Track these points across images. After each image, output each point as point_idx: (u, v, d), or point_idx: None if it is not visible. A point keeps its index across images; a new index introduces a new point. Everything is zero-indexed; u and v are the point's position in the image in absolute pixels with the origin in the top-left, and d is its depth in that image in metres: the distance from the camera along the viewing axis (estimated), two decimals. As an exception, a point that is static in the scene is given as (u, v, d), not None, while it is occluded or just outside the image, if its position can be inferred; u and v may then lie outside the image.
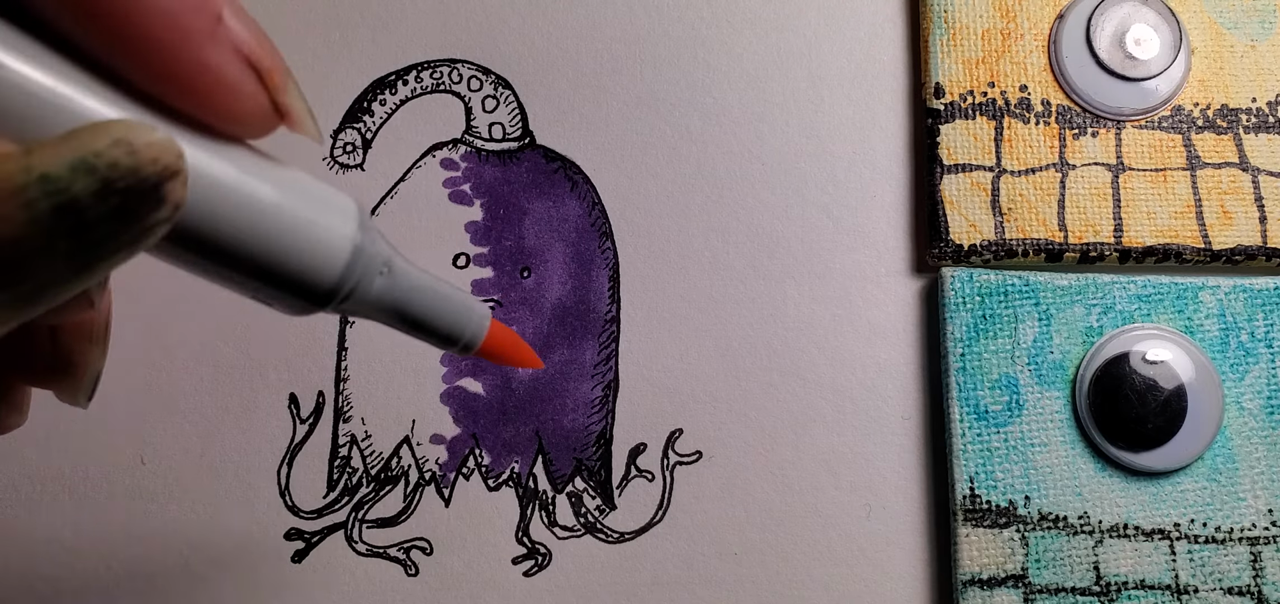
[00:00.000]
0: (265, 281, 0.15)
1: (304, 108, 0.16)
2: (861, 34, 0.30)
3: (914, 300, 0.28)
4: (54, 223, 0.12)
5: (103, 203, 0.13)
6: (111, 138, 0.13)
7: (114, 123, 0.13)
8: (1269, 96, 0.29)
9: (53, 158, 0.12)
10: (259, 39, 0.15)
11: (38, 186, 0.12)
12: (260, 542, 0.27)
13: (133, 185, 0.13)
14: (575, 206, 0.29)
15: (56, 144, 0.12)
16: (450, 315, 0.18)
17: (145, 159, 0.13)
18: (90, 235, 0.13)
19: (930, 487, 0.27)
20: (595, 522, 0.27)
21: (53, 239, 0.12)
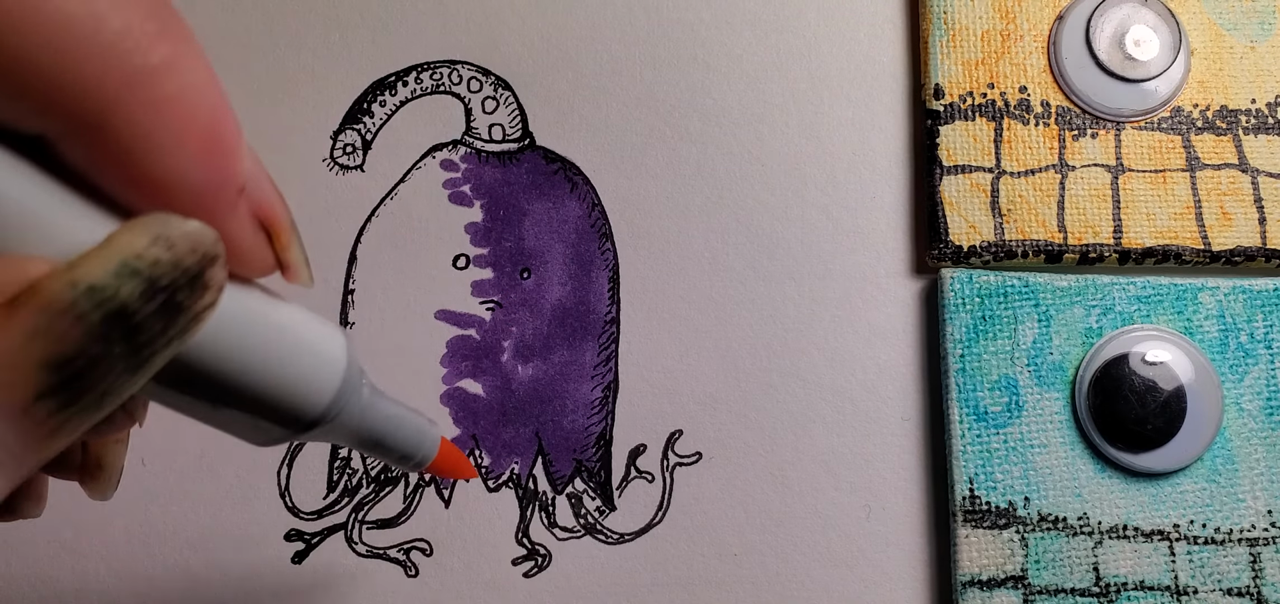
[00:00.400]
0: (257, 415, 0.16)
1: (302, 260, 0.17)
2: (861, 35, 0.30)
3: (914, 301, 0.28)
4: (107, 331, 0.13)
5: (150, 301, 0.13)
6: (149, 235, 0.13)
7: (149, 219, 0.13)
8: (1268, 98, 0.29)
9: (96, 267, 0.13)
10: (271, 199, 0.16)
11: (87, 299, 0.12)
12: (260, 543, 0.27)
13: (176, 278, 0.13)
14: (575, 207, 0.29)
15: (97, 253, 0.13)
16: (409, 443, 0.20)
17: (184, 250, 0.13)
18: (143, 335, 0.13)
19: (930, 487, 0.27)
20: (595, 523, 0.27)
21: (108, 347, 0.13)
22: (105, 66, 0.13)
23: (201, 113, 0.14)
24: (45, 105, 0.13)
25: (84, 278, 0.12)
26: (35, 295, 0.12)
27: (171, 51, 0.13)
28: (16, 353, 0.12)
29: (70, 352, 0.12)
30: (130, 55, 0.13)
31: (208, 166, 0.14)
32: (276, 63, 0.30)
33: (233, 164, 0.15)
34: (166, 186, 0.14)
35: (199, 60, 0.14)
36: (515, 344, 0.28)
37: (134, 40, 0.13)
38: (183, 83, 0.14)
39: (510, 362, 0.28)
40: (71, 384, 0.13)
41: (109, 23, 0.13)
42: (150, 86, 0.13)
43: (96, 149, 0.13)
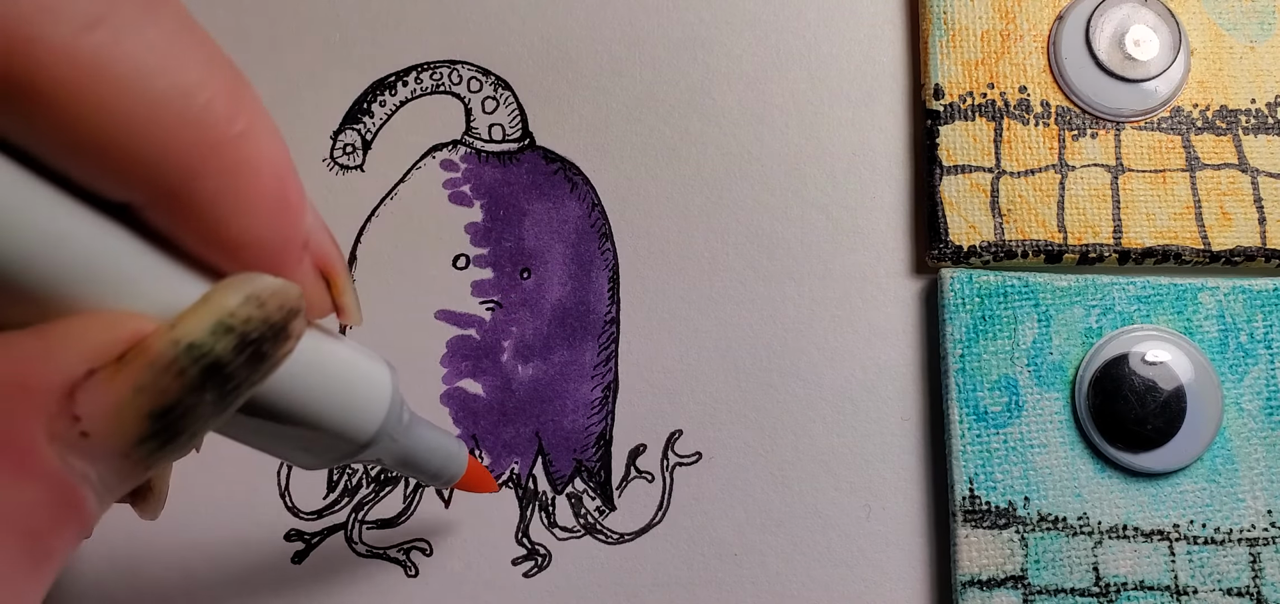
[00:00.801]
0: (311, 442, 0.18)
1: (355, 303, 0.18)
2: (861, 35, 0.30)
3: (913, 301, 0.28)
4: (202, 382, 0.14)
5: (241, 354, 0.14)
6: (242, 294, 0.14)
7: (241, 279, 0.15)
8: (1268, 98, 0.29)
9: (196, 326, 0.14)
10: (329, 250, 0.17)
11: (186, 355, 0.14)
12: (260, 542, 0.27)
13: (264, 332, 0.15)
14: (575, 207, 0.29)
15: (195, 312, 0.14)
16: (441, 462, 0.22)
17: (273, 307, 0.15)
18: (231, 383, 0.14)
19: (930, 488, 0.27)
20: (595, 522, 0.27)
21: (202, 395, 0.14)
22: (190, 140, 0.14)
23: (273, 177, 0.15)
24: (136, 178, 0.14)
25: (185, 336, 0.14)
26: (142, 353, 0.14)
27: (248, 121, 0.14)
28: (124, 406, 0.14)
29: (170, 402, 0.14)
30: (213, 128, 0.14)
31: (278, 225, 0.15)
32: (276, 63, 0.30)
33: (299, 222, 0.16)
34: (241, 245, 0.15)
35: (269, 126, 0.15)
36: (515, 344, 0.28)
37: (216, 114, 0.14)
38: (257, 150, 0.15)
39: (510, 361, 0.28)
40: (167, 429, 0.14)
41: (195, 99, 0.14)
42: (229, 155, 0.14)
43: (179, 214, 0.14)
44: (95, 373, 0.13)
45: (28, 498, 0.13)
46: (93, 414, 0.13)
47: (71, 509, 0.14)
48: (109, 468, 0.14)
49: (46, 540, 0.14)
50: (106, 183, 0.14)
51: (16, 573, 0.13)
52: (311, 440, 0.18)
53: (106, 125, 0.13)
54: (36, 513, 0.13)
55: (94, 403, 0.13)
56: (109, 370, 0.13)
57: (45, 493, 0.13)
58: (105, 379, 0.13)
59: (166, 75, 0.13)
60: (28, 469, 0.13)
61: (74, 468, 0.13)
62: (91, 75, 0.13)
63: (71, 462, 0.13)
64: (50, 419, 0.13)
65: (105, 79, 0.13)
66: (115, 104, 0.13)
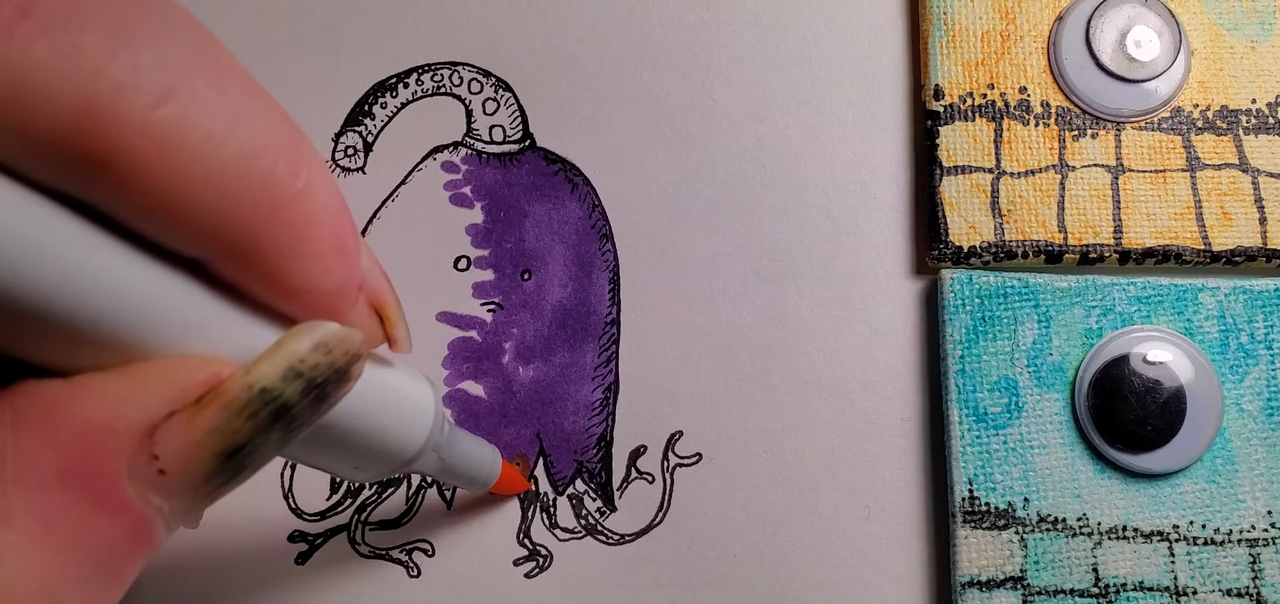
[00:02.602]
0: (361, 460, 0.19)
1: (406, 334, 0.19)
2: (861, 36, 0.30)
3: (913, 302, 0.28)
4: (270, 422, 0.15)
5: (306, 396, 0.15)
6: (312, 342, 0.15)
7: (310, 328, 0.16)
8: (1269, 98, 0.29)
9: (269, 372, 0.15)
10: (382, 287, 0.18)
11: (259, 400, 0.15)
12: (264, 544, 0.27)
13: (329, 377, 0.16)
14: (576, 209, 0.29)
15: (268, 358, 0.15)
16: (477, 468, 0.24)
17: (338, 354, 0.16)
18: (295, 421, 0.15)
19: (929, 488, 0.27)
20: (596, 523, 0.27)
21: (269, 434, 0.15)
22: (257, 200, 0.14)
23: (331, 227, 0.16)
24: (206, 237, 0.14)
25: (258, 381, 0.15)
26: (219, 397, 0.15)
27: (308, 177, 0.15)
28: (200, 446, 0.15)
29: (241, 442, 0.15)
30: (276, 187, 0.15)
31: (337, 272, 0.16)
32: (277, 64, 0.30)
33: (356, 266, 0.17)
34: (305, 293, 0.16)
35: (327, 178, 0.16)
36: (516, 346, 0.28)
37: (280, 173, 0.15)
38: (317, 204, 0.15)
39: (511, 363, 0.28)
40: (234, 466, 0.15)
41: (260, 162, 0.14)
42: (292, 212, 0.15)
43: (246, 267, 0.15)
44: (175, 415, 0.14)
45: (107, 530, 0.14)
46: (171, 453, 0.14)
47: (144, 538, 0.15)
48: (179, 501, 0.15)
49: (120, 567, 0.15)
50: (179, 241, 0.14)
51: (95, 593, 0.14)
52: (359, 459, 0.19)
53: (178, 191, 0.14)
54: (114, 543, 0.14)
55: (173, 443, 0.14)
56: (188, 412, 0.14)
57: (123, 525, 0.14)
58: (185, 422, 0.14)
59: (233, 141, 0.14)
60: (110, 504, 0.14)
61: (149, 502, 0.14)
62: (164, 146, 0.13)
63: (147, 496, 0.14)
64: (132, 457, 0.14)
65: (177, 149, 0.13)
66: (186, 171, 0.14)
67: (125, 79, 0.13)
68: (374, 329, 0.18)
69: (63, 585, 0.14)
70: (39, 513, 0.13)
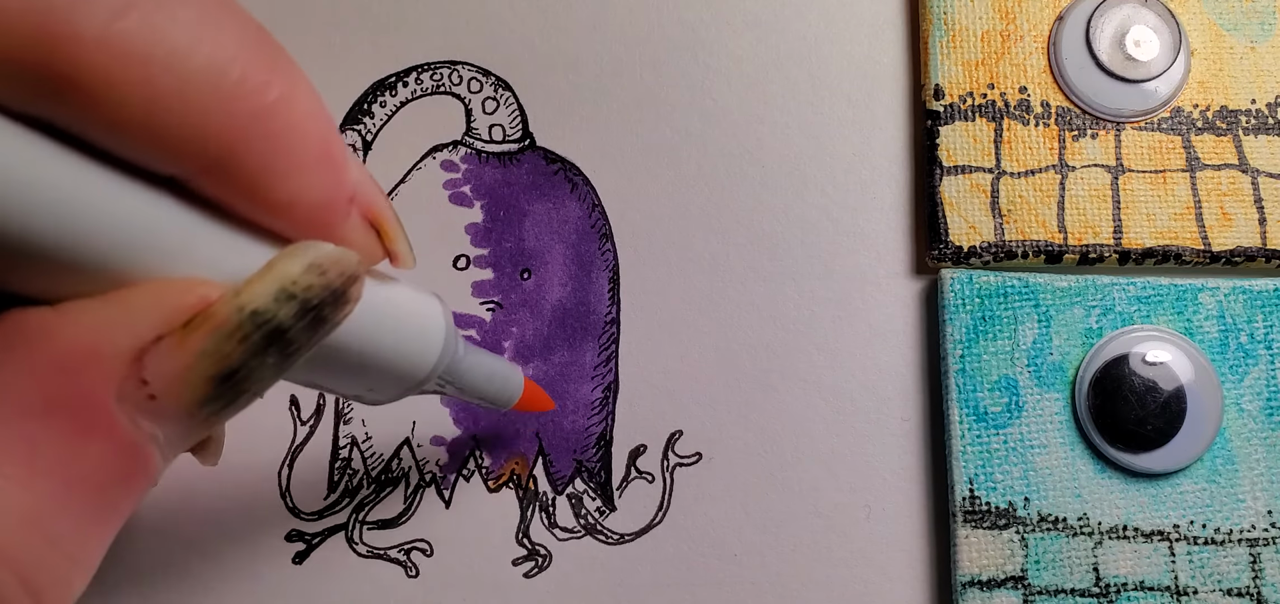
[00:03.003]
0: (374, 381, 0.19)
1: (407, 247, 0.19)
2: (861, 36, 0.30)
3: (913, 302, 0.28)
4: (265, 346, 0.15)
5: (302, 319, 0.15)
6: (303, 263, 0.15)
7: (302, 248, 0.15)
8: (1269, 98, 0.29)
9: (259, 294, 0.15)
10: (377, 200, 0.18)
11: (250, 322, 0.15)
12: (261, 543, 0.27)
13: (324, 298, 0.15)
14: (575, 208, 0.29)
15: (259, 279, 0.15)
16: (498, 386, 0.23)
17: (333, 274, 0.15)
18: (292, 344, 0.15)
19: (930, 488, 0.27)
20: (595, 523, 0.27)
21: (264, 358, 0.15)
22: (229, 112, 0.14)
23: (314, 138, 0.16)
24: (180, 153, 0.14)
25: (249, 303, 0.15)
26: (208, 320, 0.14)
27: (285, 86, 0.15)
28: (191, 370, 0.14)
29: (233, 366, 0.15)
30: (250, 98, 0.14)
31: (323, 184, 0.16)
32: (277, 63, 0.30)
33: (344, 177, 0.16)
34: (290, 206, 0.16)
35: (307, 88, 0.16)
36: (516, 345, 0.28)
37: (251, 84, 0.14)
38: (297, 113, 0.15)
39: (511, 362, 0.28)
40: (230, 391, 0.15)
41: (229, 73, 0.14)
42: (269, 122, 0.15)
43: (226, 182, 0.15)
44: (163, 339, 0.14)
45: (97, 457, 0.14)
46: (160, 378, 0.14)
47: (138, 466, 0.15)
48: (174, 427, 0.15)
49: (114, 496, 0.14)
50: (153, 159, 0.14)
51: (86, 526, 0.14)
52: (372, 380, 0.19)
53: (145, 106, 0.13)
54: (106, 470, 0.14)
55: (162, 367, 0.14)
56: (176, 336, 0.14)
57: (114, 452, 0.14)
58: (173, 345, 0.14)
59: (199, 52, 0.14)
60: (98, 430, 0.14)
61: (141, 428, 0.14)
62: (126, 60, 0.13)
63: (139, 422, 0.14)
64: (120, 383, 0.14)
65: (140, 62, 0.13)
66: (151, 85, 0.13)
67: None
68: (371, 244, 0.18)
69: (52, 513, 0.14)
70: (25, 441, 0.13)
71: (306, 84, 0.16)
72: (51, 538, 0.14)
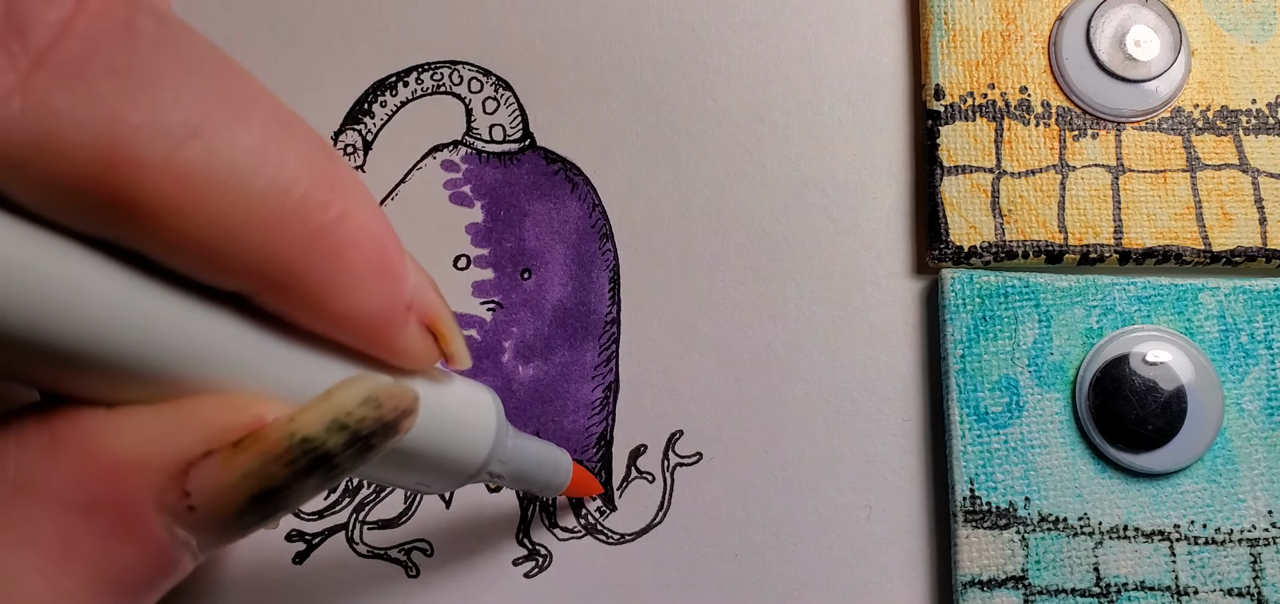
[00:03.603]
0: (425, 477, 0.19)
1: (463, 349, 0.19)
2: (861, 36, 0.30)
3: (914, 302, 0.28)
4: (309, 470, 0.15)
5: (349, 448, 0.15)
6: (360, 397, 0.15)
7: (361, 381, 0.15)
8: (1269, 98, 0.29)
9: (313, 422, 0.15)
10: (434, 305, 0.18)
11: (299, 448, 0.15)
12: (262, 543, 0.27)
13: (375, 430, 0.16)
14: (576, 208, 0.29)
15: (314, 407, 0.15)
16: (548, 474, 0.23)
17: (387, 409, 0.16)
18: (336, 469, 0.15)
19: (930, 488, 0.27)
20: (596, 523, 0.27)
21: (307, 479, 0.15)
22: (291, 232, 0.14)
23: (372, 250, 0.16)
24: (242, 272, 0.14)
25: (300, 430, 0.15)
26: (258, 442, 0.15)
27: (344, 201, 0.15)
28: (233, 488, 0.15)
29: (276, 486, 0.15)
30: (310, 217, 0.14)
31: (382, 295, 0.16)
32: (276, 63, 0.30)
33: (401, 287, 0.16)
34: (349, 318, 0.16)
35: (366, 200, 0.16)
36: (516, 345, 0.28)
37: (313, 203, 0.14)
38: (355, 227, 0.15)
39: (511, 362, 0.28)
40: (267, 506, 0.15)
41: (291, 193, 0.14)
42: (330, 238, 0.15)
43: (286, 298, 0.15)
44: (212, 455, 0.14)
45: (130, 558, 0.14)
46: (202, 492, 0.14)
47: (167, 569, 0.15)
48: (207, 536, 0.15)
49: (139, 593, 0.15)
50: (215, 277, 0.14)
51: None
52: (423, 476, 0.19)
53: (208, 229, 0.13)
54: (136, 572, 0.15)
55: (205, 482, 0.14)
56: (225, 454, 0.14)
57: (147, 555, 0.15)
58: (221, 463, 0.14)
59: (262, 175, 0.14)
60: (135, 534, 0.14)
61: (176, 535, 0.15)
62: (190, 186, 0.13)
63: (175, 530, 0.15)
64: (162, 492, 0.14)
65: (203, 187, 0.13)
66: (215, 209, 0.13)
67: (145, 121, 0.13)
68: (429, 348, 0.18)
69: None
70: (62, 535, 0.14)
71: (367, 195, 0.16)
72: None
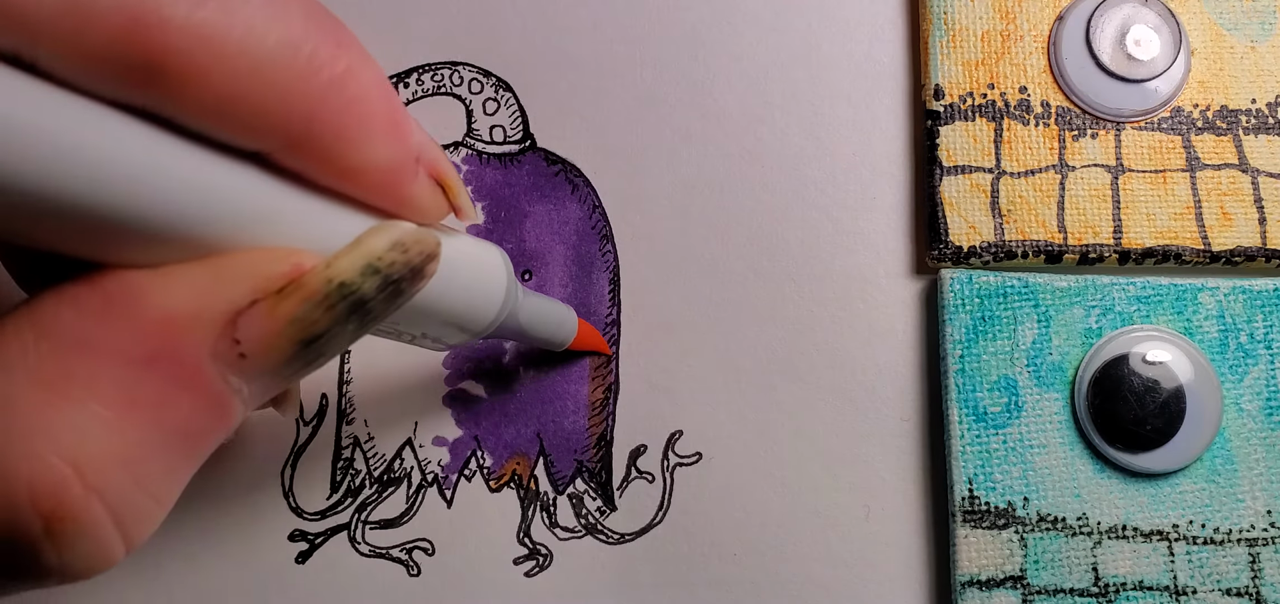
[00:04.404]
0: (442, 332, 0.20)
1: (469, 201, 0.20)
2: (861, 36, 0.30)
3: (913, 302, 0.28)
4: (347, 314, 0.16)
5: (382, 291, 0.17)
6: (389, 241, 0.16)
7: (387, 228, 0.17)
8: (1269, 98, 0.29)
9: (347, 267, 0.16)
10: (440, 160, 0.19)
11: (338, 293, 0.16)
12: (264, 542, 0.27)
13: (404, 273, 0.17)
14: (576, 209, 0.29)
15: (347, 254, 0.16)
16: (554, 328, 0.25)
17: (414, 253, 0.17)
18: (371, 314, 0.17)
19: (929, 488, 0.27)
20: (596, 523, 0.27)
21: (345, 325, 0.16)
22: (304, 87, 0.15)
23: (381, 104, 0.17)
24: (263, 129, 0.15)
25: (337, 275, 0.16)
26: (300, 289, 0.16)
27: (349, 58, 0.16)
28: (280, 335, 0.16)
29: (318, 332, 0.16)
30: (321, 71, 0.15)
31: (392, 148, 0.17)
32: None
33: (408, 140, 0.18)
34: (364, 172, 0.17)
35: (368, 59, 0.17)
36: (517, 346, 0.28)
37: (321, 58, 0.15)
38: (362, 83, 0.16)
39: (512, 363, 0.28)
40: (311, 353, 0.16)
41: (301, 50, 0.15)
42: (340, 93, 0.16)
43: (305, 154, 0.16)
44: (258, 304, 0.15)
45: (188, 407, 0.15)
46: (251, 339, 0.15)
47: (223, 417, 0.16)
48: (257, 384, 0.16)
49: (198, 443, 0.16)
50: (238, 137, 0.15)
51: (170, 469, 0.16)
52: (440, 329, 0.20)
53: (229, 85, 0.14)
54: (194, 420, 0.15)
55: (254, 330, 0.15)
56: (270, 302, 0.15)
57: (203, 404, 0.15)
58: (266, 311, 0.15)
59: (273, 33, 0.15)
60: (192, 384, 0.15)
61: (229, 383, 0.16)
62: (209, 45, 0.14)
63: (228, 378, 0.15)
64: (215, 341, 0.15)
65: (221, 45, 0.14)
66: (233, 66, 0.14)
67: None
68: (438, 201, 0.19)
69: (144, 455, 0.15)
70: (125, 388, 0.15)
71: (368, 56, 0.17)
72: (139, 478, 0.15)
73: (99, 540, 0.15)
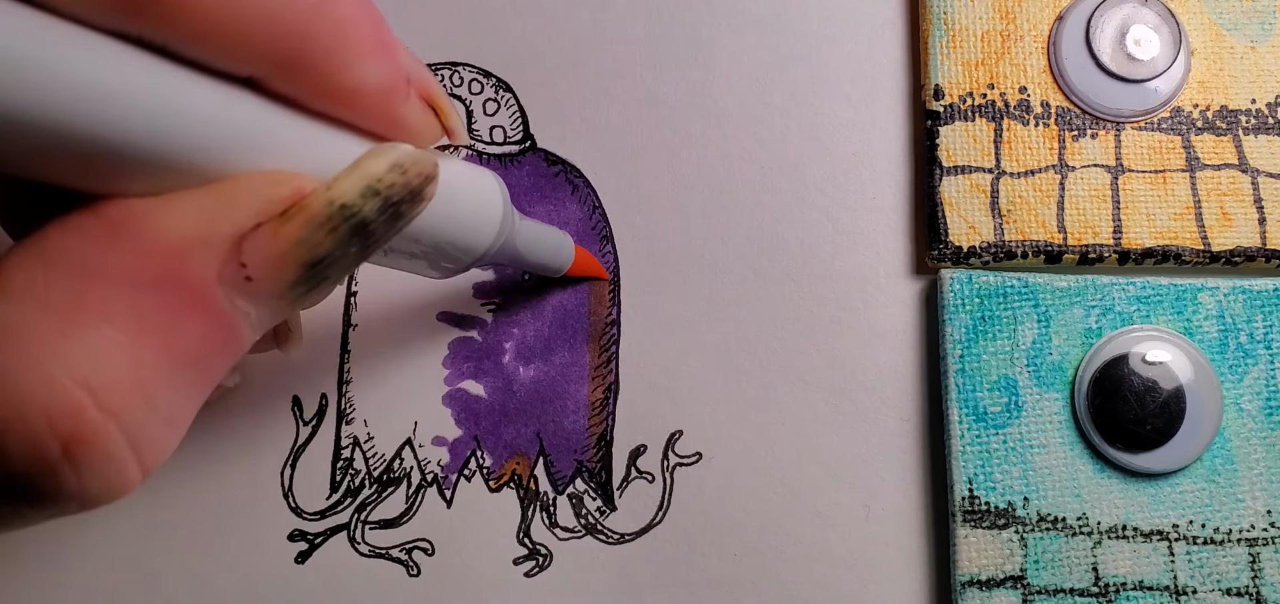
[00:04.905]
0: (441, 258, 0.20)
1: (460, 123, 0.20)
2: (861, 36, 0.30)
3: (913, 302, 0.28)
4: (350, 236, 0.16)
5: (383, 214, 0.17)
6: (388, 163, 0.17)
7: (385, 150, 0.17)
8: (1269, 98, 0.29)
9: (348, 189, 0.16)
10: (430, 82, 0.19)
11: (340, 215, 0.16)
12: (264, 543, 0.27)
13: (404, 196, 0.17)
14: (576, 209, 0.29)
15: (347, 176, 0.16)
16: (551, 251, 0.25)
17: (413, 174, 0.17)
18: (372, 237, 0.17)
19: (929, 488, 0.27)
20: (596, 523, 0.27)
21: (348, 248, 0.16)
22: (295, 9, 0.15)
23: (369, 25, 0.17)
24: (256, 53, 0.15)
25: (338, 197, 0.16)
26: (302, 211, 0.16)
27: None
28: (285, 256, 0.16)
29: (322, 255, 0.16)
30: None
31: (383, 68, 0.17)
32: (278, 65, 0.30)
33: (399, 61, 0.18)
34: (357, 93, 0.17)
35: None
36: (516, 346, 0.28)
37: None
38: (351, 5, 0.16)
39: (512, 363, 0.28)
40: (316, 276, 0.16)
41: None
42: (329, 14, 0.16)
43: (298, 77, 0.16)
44: (261, 226, 0.16)
45: (198, 331, 0.15)
46: (257, 262, 0.16)
47: (232, 340, 0.16)
48: (264, 307, 0.16)
49: (209, 366, 0.16)
50: (233, 62, 0.15)
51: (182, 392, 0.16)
52: (439, 256, 0.20)
53: (218, 9, 0.15)
54: (204, 343, 0.16)
55: (259, 252, 0.16)
56: (273, 224, 0.16)
57: (213, 327, 0.16)
58: (271, 233, 0.16)
59: None
60: (200, 307, 0.15)
61: (237, 306, 0.16)
62: None
63: (235, 301, 0.16)
64: (221, 265, 0.15)
65: None
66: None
67: None
68: (430, 122, 0.19)
69: (154, 379, 0.15)
70: (136, 313, 0.15)
71: None
72: (152, 400, 0.15)
73: (117, 463, 0.15)
